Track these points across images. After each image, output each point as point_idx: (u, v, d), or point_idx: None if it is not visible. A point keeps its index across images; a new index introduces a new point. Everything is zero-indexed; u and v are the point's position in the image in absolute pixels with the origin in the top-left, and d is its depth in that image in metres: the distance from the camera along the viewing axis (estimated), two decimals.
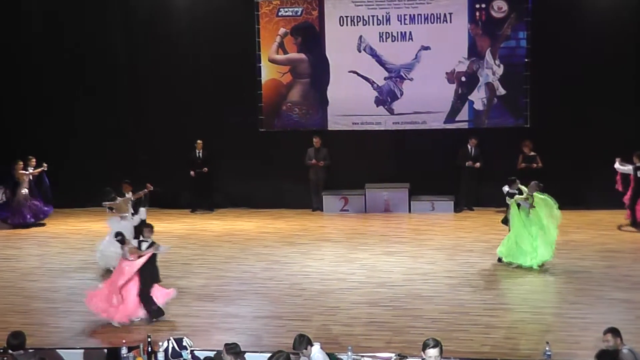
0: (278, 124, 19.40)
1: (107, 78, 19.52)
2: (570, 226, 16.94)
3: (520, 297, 12.83)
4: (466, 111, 18.76)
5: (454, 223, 17.94)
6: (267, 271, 14.54)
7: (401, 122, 18.98)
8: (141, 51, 19.41)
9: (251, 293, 13.27)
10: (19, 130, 19.76)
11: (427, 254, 15.37)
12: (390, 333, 11.33)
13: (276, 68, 19.20)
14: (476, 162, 18.48)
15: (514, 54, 18.45)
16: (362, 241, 16.50)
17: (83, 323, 12.09)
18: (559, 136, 18.23)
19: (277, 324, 11.83)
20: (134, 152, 19.54)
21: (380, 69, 18.86)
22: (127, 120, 19.68)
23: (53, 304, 13.08)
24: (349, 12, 18.69)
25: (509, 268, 14.30)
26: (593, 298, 12.56)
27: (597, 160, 17.98)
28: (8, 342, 8.76)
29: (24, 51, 19.61)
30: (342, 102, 19.06)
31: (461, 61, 18.59)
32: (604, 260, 14.63)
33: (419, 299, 12.82)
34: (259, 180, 19.36)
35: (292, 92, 19.28)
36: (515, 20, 18.28)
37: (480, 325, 11.55)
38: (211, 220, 18.56)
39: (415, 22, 18.53)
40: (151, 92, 19.46)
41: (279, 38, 19.04)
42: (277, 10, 18.94)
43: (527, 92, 18.43)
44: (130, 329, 11.72)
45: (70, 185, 19.28)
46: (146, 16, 19.28)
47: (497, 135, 18.61)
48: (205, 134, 19.21)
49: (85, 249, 16.30)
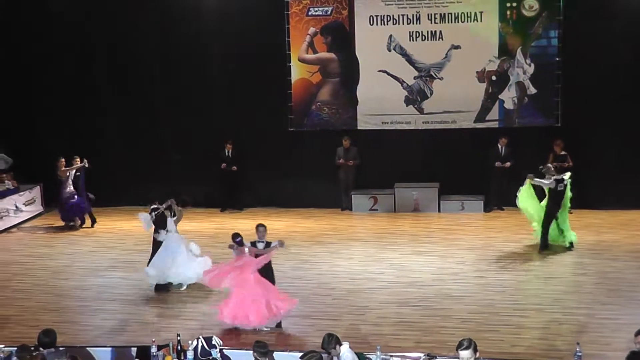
0: (308, 123, 19.38)
1: (138, 78, 19.58)
2: (603, 226, 16.98)
3: (551, 298, 12.75)
4: (497, 110, 18.65)
5: (483, 223, 17.86)
6: (296, 270, 14.56)
7: (431, 122, 18.91)
8: (172, 51, 19.44)
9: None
10: (49, 128, 19.92)
11: (456, 254, 15.34)
12: (419, 333, 11.35)
13: (306, 67, 19.17)
14: (506, 162, 18.33)
15: (545, 52, 18.28)
16: (392, 241, 16.48)
17: (113, 321, 12.22)
18: (590, 135, 18.13)
19: (306, 323, 11.86)
20: (166, 151, 19.60)
21: (410, 68, 18.80)
22: (158, 119, 19.72)
23: (84, 302, 13.23)
24: (379, 12, 18.63)
25: (542, 266, 14.31)
26: (625, 299, 12.50)
27: (629, 159, 17.97)
28: (39, 340, 8.85)
29: (57, 50, 19.72)
30: (372, 101, 19.01)
31: (492, 60, 18.47)
32: (636, 261, 14.54)
33: (448, 298, 12.81)
34: (288, 179, 19.38)
35: (322, 91, 19.24)
36: (546, 19, 18.12)
37: (511, 326, 11.53)
38: (240, 220, 18.49)
39: (446, 21, 18.43)
40: (182, 92, 19.48)
41: (309, 37, 19.00)
42: (307, 10, 18.91)
43: (558, 91, 18.28)
44: (160, 327, 11.74)
45: (100, 184, 19.16)
46: (177, 15, 19.31)
47: (528, 135, 18.48)
48: (235, 133, 19.24)
49: (116, 248, 16.45)
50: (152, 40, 19.50)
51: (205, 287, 13.17)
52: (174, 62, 19.46)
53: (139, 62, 19.57)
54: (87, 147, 19.16)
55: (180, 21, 19.33)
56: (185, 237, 14.17)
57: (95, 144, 19.59)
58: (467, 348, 7.61)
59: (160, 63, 19.57)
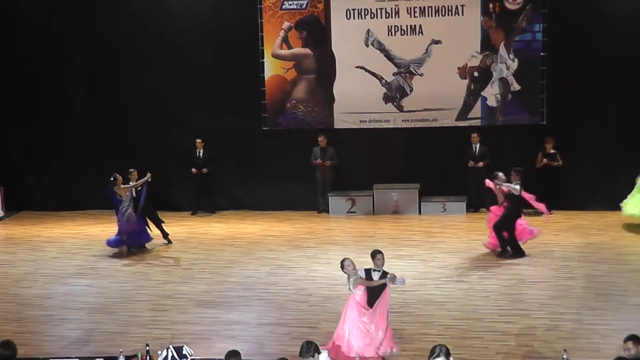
0: (282, 122, 19.23)
1: (106, 78, 19.39)
2: (591, 228, 16.95)
3: (537, 303, 12.60)
4: (479, 108, 18.57)
5: (466, 225, 17.75)
6: (271, 276, 14.45)
7: (411, 120, 18.79)
8: (140, 48, 19.23)
9: (255, 299, 13.21)
10: (10, 131, 19.70)
11: (438, 258, 15.21)
12: (400, 340, 11.12)
13: (280, 64, 19.01)
14: (479, 162, 18.22)
15: (530, 47, 18.19)
16: (371, 244, 15.95)
17: (79, 331, 12.00)
18: (577, 134, 18.04)
19: (282, 331, 11.76)
20: (134, 153, 19.25)
21: (388, 64, 18.67)
22: (126, 120, 19.51)
23: (47, 311, 13.01)
24: (356, 5, 18.51)
25: (528, 270, 14.18)
26: (615, 303, 12.39)
27: (617, 159, 17.85)
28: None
29: (17, 53, 19.50)
30: (349, 99, 18.88)
31: (474, 55, 18.34)
32: (626, 264, 14.49)
33: (430, 304, 12.72)
34: (263, 181, 19.27)
35: (297, 88, 19.07)
36: (531, 12, 18.02)
37: (495, 332, 11.42)
38: (213, 223, 18.42)
39: (426, 14, 18.30)
40: (151, 91, 19.28)
41: (283, 32, 18.84)
42: (281, 3, 18.74)
43: (543, 88, 18.19)
44: (128, 337, 11.53)
45: (65, 187, 19.16)
46: (145, 11, 19.12)
47: (512, 133, 18.40)
48: (206, 133, 19.07)
49: (81, 254, 16.22)
50: (120, 37, 19.27)
51: (175, 294, 13.21)
52: (143, 60, 19.23)
53: (107, 61, 19.35)
54: (53, 149, 19.08)
55: (150, 17, 19.10)
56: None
57: (61, 146, 19.45)
58: (438, 356, 7.49)
59: (129, 62, 19.32)
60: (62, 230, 18.16)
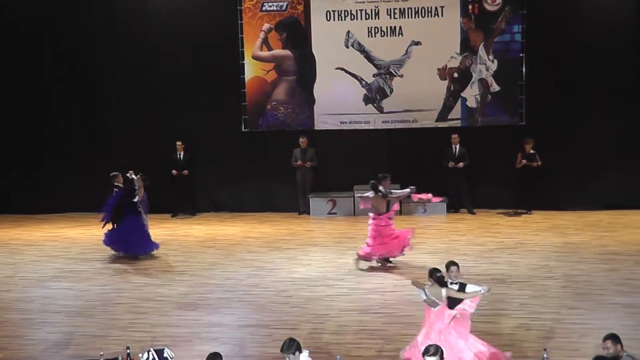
0: (263, 123, 19.20)
1: (86, 80, 19.29)
2: (569, 228, 16.98)
3: (517, 302, 12.57)
4: (459, 109, 18.60)
5: (446, 226, 17.77)
6: (252, 278, 14.35)
7: (391, 121, 18.82)
8: (120, 49, 19.19)
9: (235, 301, 13.10)
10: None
11: (419, 258, 15.11)
12: (381, 341, 11.13)
13: (260, 65, 19.00)
14: (459, 163, 18.22)
15: (509, 48, 18.27)
16: (352, 245, 16.22)
17: (58, 335, 11.86)
18: (555, 134, 18.09)
19: (262, 332, 11.66)
20: (114, 154, 19.20)
21: (369, 66, 18.70)
22: (105, 122, 19.44)
23: (27, 314, 12.85)
24: (336, 6, 18.52)
25: (508, 270, 14.10)
26: (593, 303, 12.37)
27: (595, 159, 17.96)
28: None
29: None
30: (330, 100, 18.90)
31: (453, 57, 18.40)
32: (604, 263, 14.45)
33: (411, 305, 12.50)
34: (243, 182, 19.23)
35: (277, 90, 19.07)
36: (509, 13, 18.09)
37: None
38: (193, 225, 18.37)
39: (406, 16, 18.35)
40: (131, 93, 19.24)
41: (263, 34, 18.85)
42: (261, 5, 18.75)
43: (522, 89, 18.25)
44: (108, 340, 11.42)
45: (44, 189, 19.11)
46: (125, 12, 19.08)
47: (492, 134, 18.44)
48: (186, 134, 19.02)
49: (60, 257, 16.08)
50: (100, 38, 19.23)
51: (155, 296, 13.09)
52: (123, 61, 19.21)
53: (86, 62, 19.27)
54: (32, 151, 19.04)
55: (131, 18, 19.06)
56: None
57: (40, 148, 19.37)
58: (434, 354, 7.53)
59: (109, 63, 19.29)
60: (42, 233, 18.03)
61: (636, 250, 15.14)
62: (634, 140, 17.77)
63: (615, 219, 17.40)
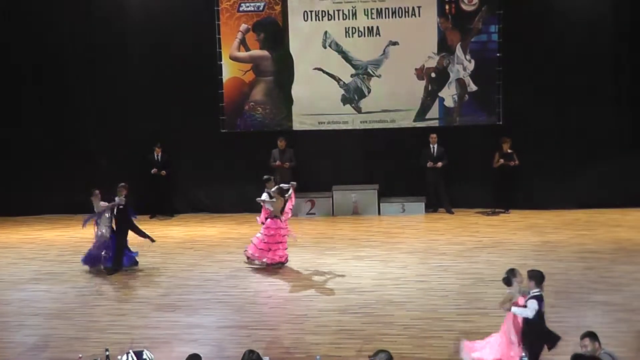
0: (241, 124, 19.12)
1: (61, 79, 19.12)
2: (547, 227, 17.03)
3: (496, 301, 12.22)
4: (437, 109, 18.59)
5: (425, 225, 17.80)
6: (231, 279, 14.35)
7: (369, 121, 18.80)
8: (97, 49, 19.01)
9: (215, 302, 13.10)
10: None
11: (398, 258, 15.19)
12: (360, 341, 11.15)
13: (238, 66, 18.91)
14: (437, 162, 18.25)
15: (486, 48, 18.29)
16: (330, 245, 16.32)
17: (36, 337, 11.81)
18: (532, 134, 18.14)
19: (242, 333, 11.68)
20: (91, 156, 19.15)
21: (346, 66, 18.67)
22: (83, 123, 19.27)
23: (4, 317, 12.83)
24: (314, 7, 18.48)
25: (486, 269, 14.14)
26: (571, 301, 12.44)
27: (572, 158, 18.02)
28: None
29: None
30: (308, 100, 18.85)
31: (431, 56, 18.40)
32: (582, 261, 14.54)
33: (390, 305, 12.67)
34: (222, 183, 19.17)
35: (255, 91, 18.99)
36: (486, 13, 18.12)
37: (454, 332, 11.40)
38: (172, 227, 18.28)
39: (383, 16, 18.32)
40: (108, 94, 19.08)
41: (241, 34, 18.75)
42: (239, 5, 18.65)
43: (499, 88, 18.27)
44: (86, 342, 11.37)
45: (21, 191, 18.94)
46: (102, 12, 18.92)
47: (470, 133, 18.45)
48: (164, 136, 18.91)
49: (37, 259, 15.95)
50: (75, 40, 19.05)
51: (134, 298, 13.11)
52: (100, 61, 19.05)
53: (62, 63, 19.12)
54: (7, 153, 18.87)
55: (107, 18, 18.92)
56: None
57: (16, 150, 19.20)
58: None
59: (84, 64, 19.12)
60: (18, 235, 17.88)
61: (613, 248, 15.24)
62: (610, 139, 17.83)
63: (592, 217, 17.48)
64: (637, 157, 17.73)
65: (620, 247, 15.20)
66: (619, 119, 17.97)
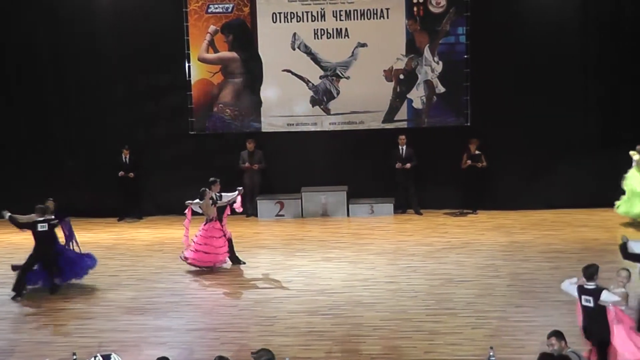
0: (210, 126, 19.04)
1: (27, 80, 18.98)
2: (514, 227, 17.10)
3: (464, 301, 12.66)
4: (405, 110, 18.61)
5: (394, 226, 17.80)
6: (200, 281, 14.29)
7: (338, 123, 18.81)
8: (64, 50, 18.90)
9: (184, 304, 13.03)
10: None
11: (367, 259, 15.19)
12: (330, 342, 11.16)
13: (206, 67, 18.83)
14: (406, 163, 18.29)
15: (454, 50, 18.35)
16: (300, 247, 16.29)
17: (3, 342, 11.73)
18: (500, 135, 18.17)
19: (211, 336, 11.66)
20: (59, 157, 19.03)
21: (315, 68, 18.65)
22: (50, 124, 19.13)
23: None
24: (282, 9, 18.45)
25: (454, 270, 14.20)
26: (538, 300, 12.50)
27: (539, 159, 18.08)
28: None
29: None
30: (276, 102, 18.84)
31: (399, 58, 18.42)
32: (549, 261, 14.59)
33: (359, 306, 12.66)
34: (191, 185, 18.52)
35: (224, 92, 18.90)
36: (454, 16, 18.17)
37: (424, 332, 11.44)
38: (140, 229, 18.17)
39: (351, 18, 18.33)
40: (75, 95, 18.97)
41: (209, 36, 18.67)
42: (207, 7, 18.58)
43: (467, 90, 18.33)
44: (54, 347, 11.28)
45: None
46: (70, 13, 18.76)
47: (438, 135, 18.47)
48: (132, 137, 18.80)
49: (4, 263, 15.60)
50: (42, 41, 18.90)
51: (102, 301, 12.99)
52: (67, 62, 18.93)
53: (28, 64, 18.97)
54: None
55: (75, 19, 18.77)
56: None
57: None
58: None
59: (51, 65, 18.99)
60: None
61: (579, 248, 15.30)
62: (577, 140, 17.91)
63: (559, 217, 17.55)
64: (603, 158, 17.79)
65: (587, 247, 15.27)
66: (587, 120, 18.06)
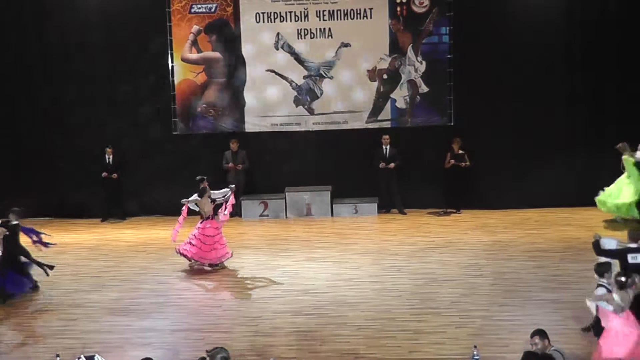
0: (193, 126, 19.00)
1: (10, 80, 18.93)
2: (498, 226, 17.13)
3: (448, 301, 12.66)
4: (389, 110, 18.63)
5: (378, 226, 17.82)
6: (184, 282, 14.29)
7: (322, 123, 18.80)
8: (47, 50, 18.82)
9: (168, 305, 12.96)
10: None
11: (351, 259, 15.17)
12: (314, 342, 11.13)
13: (190, 68, 18.79)
14: (390, 163, 18.31)
15: (437, 50, 18.38)
16: (284, 247, 16.27)
17: None
18: (483, 134, 18.23)
19: (196, 337, 11.58)
20: (43, 157, 18.95)
21: (299, 67, 18.65)
22: (33, 124, 19.06)
23: None
24: (266, 9, 18.44)
25: (438, 269, 14.24)
26: (521, 299, 12.51)
27: (522, 158, 18.15)
28: None
29: None
30: (260, 102, 18.81)
31: (383, 58, 18.44)
32: (532, 260, 14.62)
33: (344, 305, 12.64)
34: (174, 186, 18.80)
35: (207, 92, 18.87)
36: (437, 15, 18.21)
37: (408, 331, 11.43)
38: (124, 230, 18.11)
39: (335, 18, 18.35)
40: (60, 95, 18.90)
41: (192, 36, 18.64)
42: (190, 7, 18.54)
43: (450, 89, 18.37)
44: (37, 348, 11.20)
45: None
46: (53, 13, 18.70)
47: (422, 134, 18.52)
48: (116, 138, 18.76)
49: None
50: (25, 41, 18.80)
51: (86, 302, 12.91)
52: (50, 62, 18.87)
53: (12, 64, 18.91)
54: None
55: (58, 19, 18.74)
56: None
57: None
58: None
59: (34, 63, 18.90)
60: None
61: (562, 247, 15.34)
62: (560, 140, 17.99)
63: (542, 216, 17.61)
64: (586, 157, 17.93)
65: (570, 246, 15.29)
66: (570, 119, 18.12)
